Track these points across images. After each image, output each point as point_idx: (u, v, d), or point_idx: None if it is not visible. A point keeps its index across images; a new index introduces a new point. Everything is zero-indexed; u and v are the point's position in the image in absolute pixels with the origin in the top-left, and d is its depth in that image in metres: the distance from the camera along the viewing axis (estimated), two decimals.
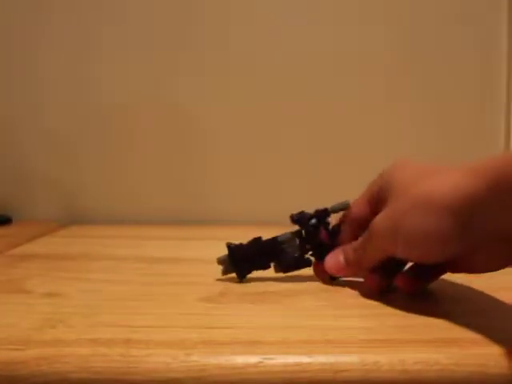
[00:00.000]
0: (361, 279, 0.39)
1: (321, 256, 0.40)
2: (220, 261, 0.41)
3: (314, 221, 0.40)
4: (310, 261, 0.40)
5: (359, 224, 0.38)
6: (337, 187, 0.70)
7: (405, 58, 0.70)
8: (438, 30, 0.69)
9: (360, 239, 0.37)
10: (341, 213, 0.40)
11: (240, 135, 0.71)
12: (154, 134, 0.71)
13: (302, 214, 0.40)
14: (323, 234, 0.40)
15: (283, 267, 0.40)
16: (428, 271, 0.36)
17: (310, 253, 0.41)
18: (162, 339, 0.28)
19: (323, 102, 0.70)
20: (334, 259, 0.39)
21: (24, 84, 0.70)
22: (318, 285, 0.40)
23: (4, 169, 0.72)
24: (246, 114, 0.70)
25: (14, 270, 0.44)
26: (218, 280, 0.41)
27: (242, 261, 0.40)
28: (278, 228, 0.41)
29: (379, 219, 0.34)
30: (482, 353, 0.27)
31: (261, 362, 0.26)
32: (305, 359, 0.26)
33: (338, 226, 0.40)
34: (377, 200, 0.36)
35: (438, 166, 0.33)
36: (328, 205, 0.40)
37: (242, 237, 0.41)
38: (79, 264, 0.47)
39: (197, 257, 0.50)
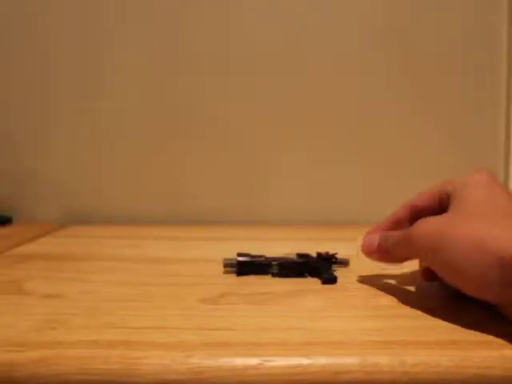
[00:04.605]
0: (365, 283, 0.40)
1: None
2: (227, 266, 0.43)
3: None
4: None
5: (417, 211, 0.38)
6: (337, 186, 0.70)
7: (404, 59, 0.70)
8: (439, 33, 0.69)
9: (399, 232, 0.36)
10: None
11: (236, 133, 0.71)
12: (153, 135, 0.71)
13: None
14: None
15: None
16: None
17: None
18: (161, 341, 0.28)
19: (327, 103, 0.70)
20: (370, 240, 0.38)
21: (23, 84, 0.70)
22: (318, 286, 0.40)
23: (4, 169, 0.72)
24: (247, 115, 0.70)
25: (13, 271, 0.44)
26: (218, 281, 0.41)
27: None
28: (277, 228, 0.41)
29: (427, 227, 0.32)
30: (483, 355, 0.27)
31: (261, 364, 0.26)
32: (305, 361, 0.26)
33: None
34: (446, 199, 0.36)
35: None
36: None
37: (242, 237, 0.41)
38: (79, 265, 0.47)
39: (197, 257, 0.50)
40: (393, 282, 0.41)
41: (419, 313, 0.33)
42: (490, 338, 0.29)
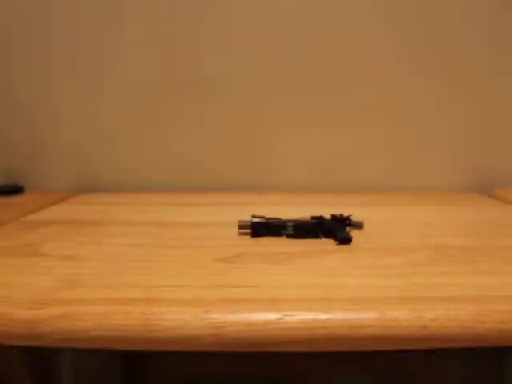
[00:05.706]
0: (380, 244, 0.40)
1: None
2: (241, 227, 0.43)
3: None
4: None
5: None
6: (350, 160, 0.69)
7: (413, 54, 0.68)
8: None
9: None
10: None
11: (249, 97, 0.70)
12: (164, 101, 0.70)
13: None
14: None
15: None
16: None
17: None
18: (180, 297, 0.29)
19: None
20: None
21: (33, 59, 0.70)
22: (333, 246, 0.40)
23: (15, 139, 0.72)
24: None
25: (29, 236, 0.44)
26: (233, 242, 0.41)
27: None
28: (291, 194, 0.41)
29: None
30: (500, 309, 0.27)
31: (281, 319, 0.26)
32: (323, 316, 0.26)
33: None
34: None
35: None
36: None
37: (256, 202, 0.41)
38: (93, 229, 0.47)
39: (210, 221, 0.50)
40: (405, 243, 0.41)
41: (433, 271, 0.33)
42: (508, 293, 0.29)
